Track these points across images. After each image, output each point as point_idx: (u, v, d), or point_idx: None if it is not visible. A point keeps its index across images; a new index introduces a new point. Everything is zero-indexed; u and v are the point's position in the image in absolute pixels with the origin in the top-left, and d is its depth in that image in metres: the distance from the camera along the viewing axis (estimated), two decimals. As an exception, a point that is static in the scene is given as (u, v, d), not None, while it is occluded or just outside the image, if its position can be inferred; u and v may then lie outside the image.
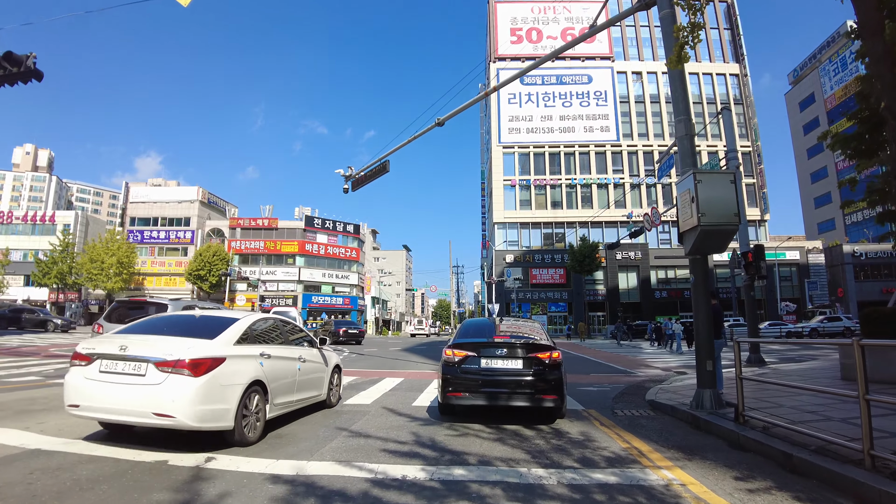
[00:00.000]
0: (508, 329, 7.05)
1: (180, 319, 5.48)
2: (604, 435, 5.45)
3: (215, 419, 4.38)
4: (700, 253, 6.24)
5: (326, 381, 6.76)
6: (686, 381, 10.26)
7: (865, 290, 46.86)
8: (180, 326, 5.05)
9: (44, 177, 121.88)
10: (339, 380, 7.43)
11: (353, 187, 14.35)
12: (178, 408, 4.15)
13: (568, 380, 9.90)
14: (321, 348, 6.90)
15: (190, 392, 4.19)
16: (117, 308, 8.85)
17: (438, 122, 11.07)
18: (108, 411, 4.34)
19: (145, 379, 4.24)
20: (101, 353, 4.42)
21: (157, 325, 5.14)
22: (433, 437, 5.22)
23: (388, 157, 12.97)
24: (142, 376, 4.26)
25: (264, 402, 5.00)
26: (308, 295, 54.74)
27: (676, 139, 6.83)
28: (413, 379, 10.76)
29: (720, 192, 5.89)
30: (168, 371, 4.23)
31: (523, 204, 50.22)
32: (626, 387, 9.93)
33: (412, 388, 9.14)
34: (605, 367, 14.55)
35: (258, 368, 4.95)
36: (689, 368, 13.97)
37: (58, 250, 51.18)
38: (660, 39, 56.71)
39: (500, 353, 5.84)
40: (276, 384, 5.26)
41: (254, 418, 4.80)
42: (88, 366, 4.46)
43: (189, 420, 4.19)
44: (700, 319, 6.24)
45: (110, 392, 4.27)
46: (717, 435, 5.37)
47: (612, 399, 8.27)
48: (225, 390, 4.46)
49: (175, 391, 4.17)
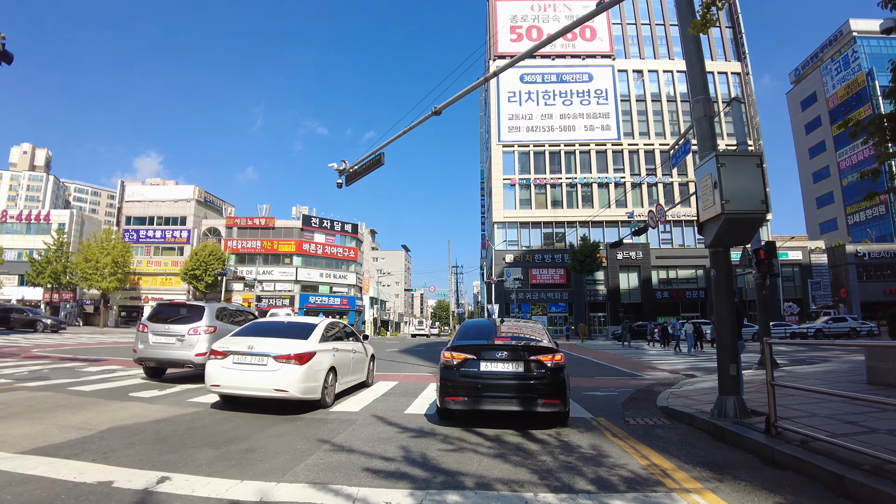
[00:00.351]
0: (509, 330, 6.75)
1: (277, 325, 7.70)
2: (618, 449, 4.84)
3: (311, 392, 6.48)
4: (723, 244, 5.63)
5: (367, 367, 9.19)
6: (698, 385, 9.66)
7: (868, 291, 46.29)
8: (280, 331, 7.18)
9: (41, 176, 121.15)
10: (374, 366, 9.79)
11: (346, 182, 13.77)
12: (291, 385, 6.21)
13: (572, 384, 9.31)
14: (364, 343, 9.26)
15: (298, 375, 6.28)
16: (159, 310, 9.73)
17: (435, 111, 10.46)
18: (241, 388, 6.39)
19: (267, 367, 6.32)
20: (234, 351, 6.49)
21: (264, 329, 7.41)
22: (425, 452, 4.61)
23: (382, 150, 12.37)
24: (264, 366, 6.34)
25: (335, 380, 7.24)
26: (305, 295, 54.06)
27: (693, 121, 6.23)
28: (408, 383, 10.14)
29: (746, 176, 5.29)
30: (283, 362, 6.31)
31: (523, 203, 49.61)
32: (634, 391, 9.32)
33: (406, 393, 8.53)
34: (610, 370, 13.92)
35: (332, 358, 7.18)
36: (697, 371, 13.39)
37: (52, 249, 50.45)
38: (661, 38, 56.34)
39: (500, 355, 5.63)
40: (341, 369, 7.54)
41: (331, 390, 7.07)
42: (224, 359, 6.50)
43: (297, 393, 6.26)
44: (723, 318, 5.63)
45: (243, 376, 6.35)
46: (745, 449, 4.76)
47: (621, 405, 7.67)
48: (316, 373, 6.61)
49: (288, 375, 6.25)
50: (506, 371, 5.54)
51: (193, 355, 8.88)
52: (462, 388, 5.51)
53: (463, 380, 5.54)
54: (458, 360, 5.65)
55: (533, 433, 5.44)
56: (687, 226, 48.08)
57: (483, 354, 5.64)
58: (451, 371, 5.65)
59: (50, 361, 12.11)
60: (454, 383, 5.56)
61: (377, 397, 8.04)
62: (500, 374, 5.52)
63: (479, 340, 5.95)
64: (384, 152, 12.35)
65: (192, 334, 9.00)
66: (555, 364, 5.52)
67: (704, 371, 13.19)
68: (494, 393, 5.44)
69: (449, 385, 5.59)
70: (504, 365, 5.56)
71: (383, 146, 12.10)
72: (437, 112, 10.45)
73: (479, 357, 5.62)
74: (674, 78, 51.74)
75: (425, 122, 10.83)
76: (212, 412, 6.46)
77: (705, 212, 5.52)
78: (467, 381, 5.52)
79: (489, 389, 5.45)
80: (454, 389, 5.55)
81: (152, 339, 9.10)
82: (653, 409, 7.33)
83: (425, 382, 10.15)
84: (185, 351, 8.96)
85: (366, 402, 7.47)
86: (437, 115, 10.45)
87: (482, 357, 5.62)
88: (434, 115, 10.51)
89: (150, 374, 9.65)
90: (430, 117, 10.61)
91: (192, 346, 8.94)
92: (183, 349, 8.97)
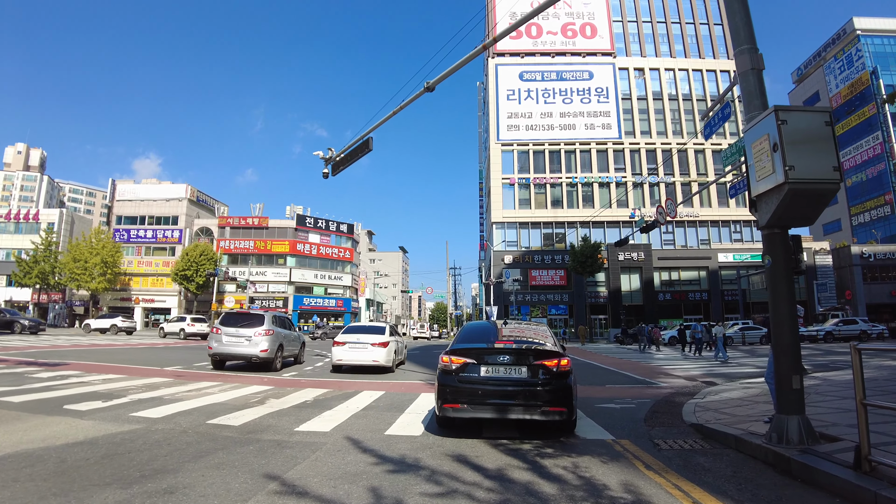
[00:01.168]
0: (512, 333, 6.28)
1: (365, 327, 13.80)
2: (658, 489, 3.68)
3: (389, 362, 12.60)
4: (782, 224, 4.49)
5: (404, 351, 15.73)
6: (724, 395, 8.52)
7: (874, 293, 45.21)
8: (368, 329, 13.33)
9: (35, 176, 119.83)
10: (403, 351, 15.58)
11: (333, 171, 12.66)
12: (381, 358, 12.28)
13: (583, 394, 8.15)
14: (399, 335, 15.24)
15: (384, 353, 12.37)
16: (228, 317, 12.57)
17: (428, 87, 9.33)
18: (354, 361, 12.31)
19: (367, 349, 12.31)
20: (348, 340, 12.46)
21: (360, 329, 13.47)
22: (402, 497, 3.44)
23: (371, 134, 11.24)
24: (365, 348, 12.32)
25: (396, 357, 13.56)
26: (299, 296, 52.81)
27: (738, 75, 5.11)
28: (396, 392, 8.96)
29: (814, 137, 4.16)
30: (376, 346, 12.35)
31: (522, 203, 48.48)
32: (653, 402, 8.17)
33: (391, 407, 7.36)
34: (620, 377, 12.75)
35: (395, 345, 13.25)
36: (715, 377, 12.22)
37: (40, 249, 49.12)
38: (663, 35, 55.35)
39: (501, 360, 5.29)
40: (398, 350, 13.88)
41: (396, 362, 13.56)
42: (343, 346, 12.45)
43: (384, 363, 12.34)
44: (782, 317, 4.48)
45: (355, 355, 12.33)
46: (828, 489, 3.60)
47: (643, 422, 6.52)
48: (390, 353, 12.66)
49: (379, 353, 12.31)
50: (507, 376, 5.19)
51: (258, 351, 11.74)
52: (461, 395, 5.18)
53: (462, 386, 5.21)
54: (457, 365, 5.32)
55: (546, 467, 4.27)
56: (689, 226, 47.05)
57: (483, 359, 5.29)
58: (449, 376, 5.32)
59: (4, 366, 10.94)
60: (453, 389, 5.24)
61: (357, 412, 6.88)
62: (502, 380, 5.17)
63: (479, 344, 5.58)
64: (372, 136, 11.22)
65: (257, 336, 11.79)
66: (560, 369, 5.15)
67: (724, 378, 12.05)
68: (495, 400, 5.09)
69: (448, 391, 5.26)
70: (506, 370, 5.21)
71: (372, 129, 10.97)
72: (429, 88, 9.32)
73: (479, 361, 5.28)
74: (675, 76, 50.76)
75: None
76: (150, 431, 5.28)
77: (760, 183, 4.37)
78: (467, 388, 5.19)
79: (490, 396, 5.11)
80: (453, 396, 5.21)
81: (224, 339, 11.86)
82: (682, 427, 6.19)
83: (416, 392, 8.98)
84: (251, 349, 11.73)
85: (341, 419, 6.30)
86: (430, 91, 9.32)
87: (482, 361, 5.28)
88: (427, 92, 9.37)
89: (216, 366, 12.36)
90: (422, 94, 9.47)
91: (257, 345, 11.74)
92: (250, 347, 11.74)
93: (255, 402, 7.39)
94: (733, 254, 45.87)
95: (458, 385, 5.23)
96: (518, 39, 51.87)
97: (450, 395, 5.24)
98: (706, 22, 52.30)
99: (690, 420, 6.54)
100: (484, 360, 5.27)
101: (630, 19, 52.67)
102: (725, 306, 44.82)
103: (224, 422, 5.86)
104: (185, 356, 16.08)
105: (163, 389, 8.41)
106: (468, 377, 5.24)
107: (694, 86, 50.35)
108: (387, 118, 10.52)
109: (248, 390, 8.67)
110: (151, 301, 53.93)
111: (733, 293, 44.31)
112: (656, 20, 52.76)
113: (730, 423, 5.89)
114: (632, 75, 50.82)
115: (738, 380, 11.32)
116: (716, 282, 45.34)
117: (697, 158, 48.56)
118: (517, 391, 5.09)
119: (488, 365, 5.25)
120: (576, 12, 52.57)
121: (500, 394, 5.10)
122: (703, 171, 47.63)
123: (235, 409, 6.80)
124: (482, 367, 5.24)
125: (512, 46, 51.78)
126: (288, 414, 6.54)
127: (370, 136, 11.25)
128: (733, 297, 44.31)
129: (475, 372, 5.23)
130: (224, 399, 7.63)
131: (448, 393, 5.26)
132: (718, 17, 52.58)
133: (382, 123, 10.68)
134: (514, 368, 5.21)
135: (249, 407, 7.00)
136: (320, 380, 10.86)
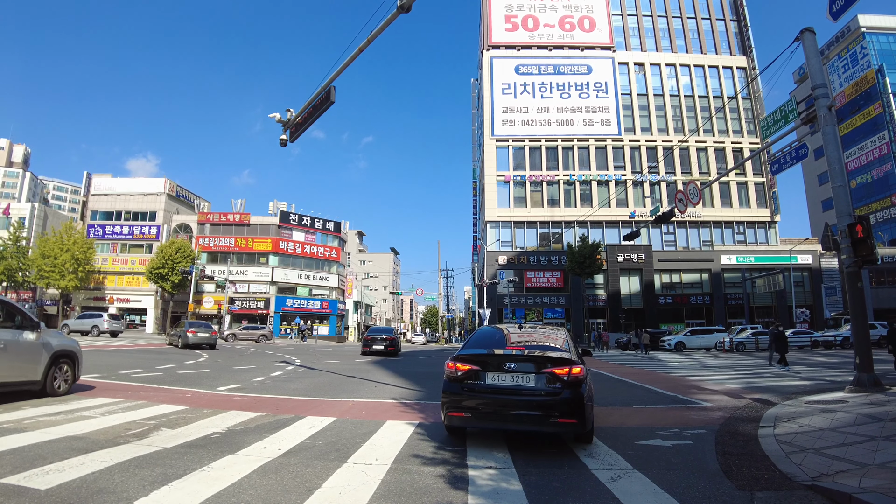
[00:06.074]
0: (523, 339, 5.94)
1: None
2: None
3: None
4: None
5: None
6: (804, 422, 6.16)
7: (882, 297, 43.39)
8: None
9: (17, 172, 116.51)
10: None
11: (291, 136, 10.38)
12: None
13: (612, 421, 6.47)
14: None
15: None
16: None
17: (402, 6, 6.97)
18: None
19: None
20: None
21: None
22: None
23: (333, 83, 8.87)
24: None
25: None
26: (282, 297, 50.06)
27: None
28: (351, 420, 6.43)
29: None
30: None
31: (518, 201, 46.23)
32: (711, 434, 5.82)
33: (333, 448, 4.90)
34: (645, 392, 10.27)
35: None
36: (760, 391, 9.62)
37: (7, 245, 46.11)
38: (663, 30, 53.45)
39: (508, 367, 4.97)
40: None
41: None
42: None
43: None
44: None
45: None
46: None
47: (724, 475, 4.14)
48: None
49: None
50: (514, 385, 4.93)
51: None
52: (466, 404, 4.95)
53: (467, 394, 5.00)
54: (462, 372, 5.09)
55: None
56: (691, 227, 45.08)
57: (490, 365, 5.07)
58: (455, 384, 5.10)
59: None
60: (458, 398, 5.02)
61: (274, 458, 4.41)
62: (508, 389, 4.93)
63: (485, 349, 5.41)
64: (335, 86, 8.85)
65: None
66: (571, 377, 4.80)
67: (772, 392, 9.68)
68: (500, 409, 4.85)
69: (452, 399, 5.05)
70: (513, 377, 4.95)
71: (339, 71, 8.59)
72: (403, 7, 6.96)
73: (485, 368, 5.06)
74: (676, 72, 48.91)
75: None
76: None
77: None
78: (472, 396, 4.97)
79: (495, 405, 4.87)
80: (458, 405, 4.99)
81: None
82: (783, 481, 3.86)
83: (380, 420, 6.46)
84: None
85: (238, 475, 3.82)
86: (406, 11, 6.97)
87: (488, 368, 5.05)
88: (402, 13, 7.01)
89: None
90: (396, 17, 7.11)
91: None
92: None
93: (132, 437, 4.93)
94: (736, 256, 43.90)
95: (464, 393, 4.99)
96: (514, 32, 49.84)
97: (455, 403, 5.00)
98: (708, 17, 50.58)
99: (788, 470, 4.22)
100: (490, 367, 5.03)
101: (630, 13, 50.81)
102: (728, 310, 42.80)
103: (26, 481, 3.42)
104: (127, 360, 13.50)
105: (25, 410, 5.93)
106: (474, 385, 5.01)
107: (696, 82, 48.55)
108: (354, 56, 8.13)
109: (149, 412, 6.20)
110: (127, 301, 50.99)
111: (737, 297, 42.30)
112: (657, 14, 50.94)
113: (859, 473, 3.55)
114: (632, 70, 48.90)
115: (793, 395, 8.99)
116: (718, 284, 43.29)
117: (700, 156, 46.68)
118: (524, 401, 4.81)
119: (494, 372, 4.99)
120: (574, 5, 50.64)
121: (506, 403, 4.83)
122: (706, 170, 45.71)
123: (82, 451, 4.32)
124: (488, 375, 5.00)
125: (508, 39, 49.72)
126: (157, 462, 4.08)
127: (332, 85, 8.87)
128: (737, 301, 42.30)
129: (481, 379, 5.01)
130: (92, 429, 5.17)
131: (453, 401, 5.02)
132: (720, 12, 50.91)
133: (350, 64, 8.30)
134: (521, 376, 4.92)
135: (116, 445, 4.56)
136: (261, 397, 8.39)
